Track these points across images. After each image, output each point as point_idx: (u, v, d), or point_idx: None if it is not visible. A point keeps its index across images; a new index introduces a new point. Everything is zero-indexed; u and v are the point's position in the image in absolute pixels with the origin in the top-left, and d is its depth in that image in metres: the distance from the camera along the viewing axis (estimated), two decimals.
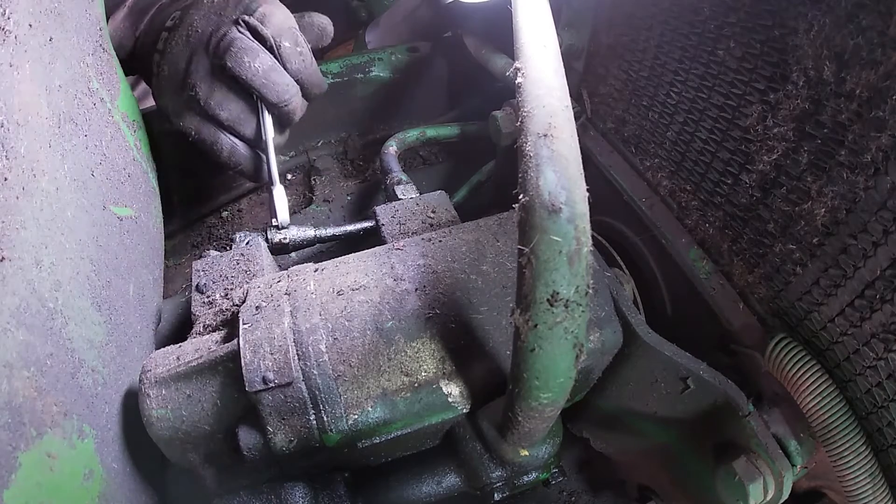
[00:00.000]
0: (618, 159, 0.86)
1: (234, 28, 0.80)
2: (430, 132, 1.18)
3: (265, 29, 0.81)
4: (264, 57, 0.80)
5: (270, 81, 0.81)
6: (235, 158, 0.88)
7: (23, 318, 0.45)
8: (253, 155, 0.90)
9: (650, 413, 0.73)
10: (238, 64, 0.79)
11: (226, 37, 0.79)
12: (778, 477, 0.61)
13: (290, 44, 0.83)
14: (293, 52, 0.84)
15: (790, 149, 0.57)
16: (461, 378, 0.61)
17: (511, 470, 0.65)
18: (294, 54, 0.84)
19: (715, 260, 0.72)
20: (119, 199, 0.70)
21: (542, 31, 0.50)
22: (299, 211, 1.22)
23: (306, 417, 0.57)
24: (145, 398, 0.59)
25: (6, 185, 0.46)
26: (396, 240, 0.74)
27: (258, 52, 0.80)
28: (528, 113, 0.46)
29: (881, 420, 0.55)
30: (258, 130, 0.87)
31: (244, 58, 0.79)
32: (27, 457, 0.43)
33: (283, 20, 0.84)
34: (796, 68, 0.54)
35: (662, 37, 0.71)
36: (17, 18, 0.49)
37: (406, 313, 0.62)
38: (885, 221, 0.48)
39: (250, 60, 0.79)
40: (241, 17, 0.81)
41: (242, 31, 0.80)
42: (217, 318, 0.68)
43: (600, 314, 0.65)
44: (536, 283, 0.43)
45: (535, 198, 0.43)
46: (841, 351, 0.57)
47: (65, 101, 0.59)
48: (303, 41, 0.86)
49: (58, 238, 0.53)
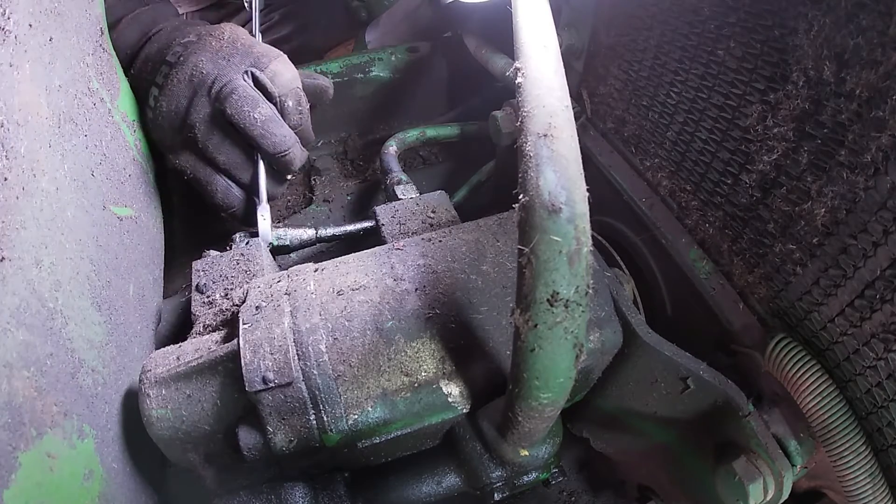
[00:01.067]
0: (618, 159, 0.86)
1: (240, 77, 0.82)
2: (430, 132, 1.18)
3: (273, 87, 0.83)
4: (264, 108, 0.82)
5: (268, 132, 0.82)
6: (229, 201, 0.89)
7: (23, 318, 0.45)
8: (246, 199, 0.90)
9: (650, 413, 0.73)
10: (238, 112, 0.80)
11: (229, 83, 0.80)
12: (778, 477, 0.61)
13: (293, 102, 0.86)
14: (294, 109, 0.86)
15: (790, 149, 0.57)
16: (461, 378, 0.61)
17: (511, 470, 0.65)
18: (294, 111, 0.86)
19: (715, 260, 0.72)
20: (119, 199, 0.70)
21: (542, 31, 0.50)
22: (299, 211, 1.22)
23: (306, 417, 0.57)
24: (145, 398, 0.59)
25: (6, 185, 0.46)
26: (396, 240, 0.74)
27: (258, 102, 0.81)
28: (528, 113, 0.46)
29: (881, 420, 0.55)
30: (254, 178, 0.88)
31: (244, 106, 0.80)
32: (27, 457, 0.43)
33: (289, 80, 0.86)
34: (796, 68, 0.54)
35: (662, 37, 0.71)
36: (17, 18, 0.49)
37: (406, 313, 0.62)
38: (885, 221, 0.48)
39: (250, 110, 0.80)
40: (250, 69, 0.83)
41: (247, 80, 0.82)
42: (217, 318, 0.68)
43: (600, 314, 0.65)
44: (536, 283, 0.43)
45: (535, 198, 0.43)
46: (841, 351, 0.57)
47: (65, 101, 0.59)
48: (304, 100, 0.88)
49: (58, 238, 0.53)
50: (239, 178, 0.88)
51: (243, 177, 0.88)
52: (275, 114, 0.83)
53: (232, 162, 0.86)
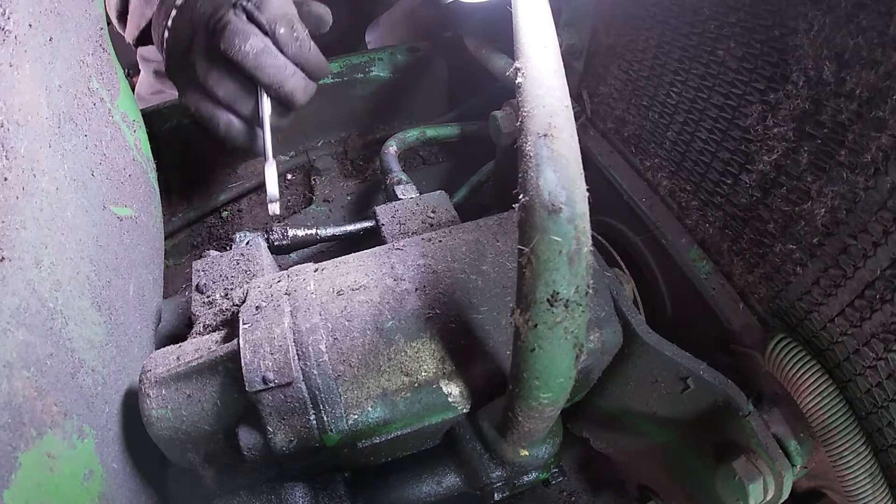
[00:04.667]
0: (618, 159, 0.86)
1: (231, 11, 0.82)
2: (430, 132, 1.18)
3: (259, 14, 0.83)
4: (256, 40, 0.82)
5: (262, 63, 0.83)
6: (231, 134, 0.90)
7: (23, 318, 0.45)
8: (249, 131, 0.91)
9: (650, 413, 0.73)
10: (230, 46, 0.81)
11: (221, 19, 0.82)
12: (778, 477, 0.61)
13: (286, 29, 0.85)
14: (289, 36, 0.85)
15: (790, 149, 0.57)
16: (461, 378, 0.61)
17: (511, 470, 0.65)
18: (290, 39, 0.85)
19: (715, 260, 0.72)
20: (119, 199, 0.70)
21: (542, 31, 0.50)
22: (299, 211, 1.23)
23: (306, 417, 0.57)
24: (145, 398, 0.59)
25: (6, 185, 0.46)
26: (396, 240, 0.74)
27: (249, 35, 0.82)
28: (528, 113, 0.46)
29: (881, 420, 0.55)
30: (256, 109, 0.88)
31: (235, 39, 0.81)
32: (27, 457, 0.43)
33: (279, 6, 0.85)
34: (796, 68, 0.54)
35: (662, 37, 0.71)
36: (17, 18, 0.49)
37: (406, 313, 0.62)
38: (885, 221, 0.48)
39: (241, 42, 0.81)
40: (239, 1, 0.83)
41: (238, 15, 0.82)
42: (217, 318, 0.68)
43: (600, 314, 0.65)
44: (536, 283, 0.43)
45: (535, 198, 0.43)
46: (841, 351, 0.57)
47: (65, 101, 0.59)
48: (300, 27, 0.87)
49: (58, 238, 0.53)
50: (240, 111, 0.89)
51: (244, 110, 0.88)
52: (267, 45, 0.83)
53: (231, 95, 0.87)
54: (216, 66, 0.84)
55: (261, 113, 0.87)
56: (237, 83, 0.86)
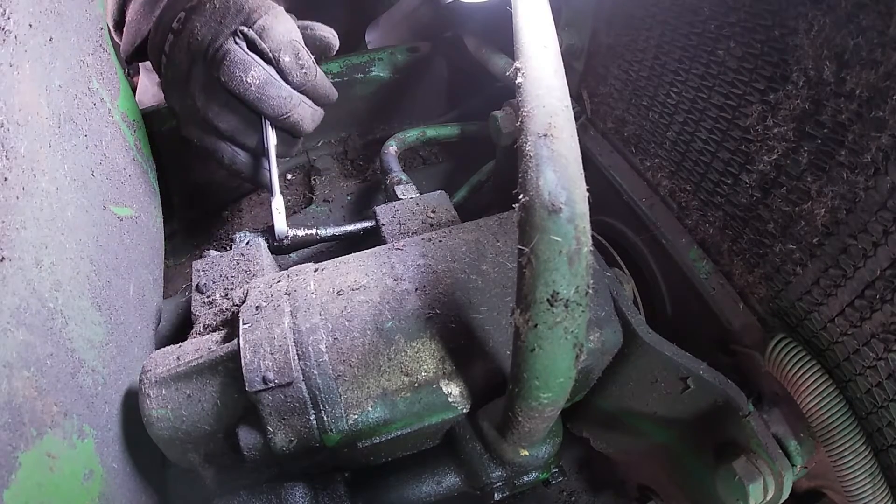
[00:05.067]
0: (618, 159, 0.86)
1: (231, 39, 0.77)
2: (430, 132, 1.18)
3: (262, 43, 0.78)
4: (258, 71, 0.78)
5: (265, 95, 0.79)
6: (236, 167, 0.88)
7: (23, 318, 0.45)
8: (254, 163, 0.89)
9: (650, 413, 0.73)
10: (230, 78, 0.77)
11: (220, 49, 0.77)
12: (778, 477, 0.61)
13: (291, 57, 0.80)
14: (294, 64, 0.81)
15: (790, 149, 0.57)
16: (461, 378, 0.61)
17: (511, 470, 0.65)
18: (295, 67, 0.81)
19: (715, 260, 0.72)
20: (119, 199, 0.70)
21: (542, 31, 0.50)
22: (299, 211, 1.22)
23: (306, 417, 0.57)
24: (145, 398, 0.59)
25: (6, 185, 0.46)
26: (396, 240, 0.74)
27: (251, 66, 0.77)
28: (528, 113, 0.46)
29: (881, 420, 0.55)
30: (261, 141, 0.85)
31: (235, 72, 0.77)
32: (27, 457, 0.43)
33: (283, 33, 0.80)
34: (796, 68, 0.54)
35: (662, 37, 0.71)
36: (17, 18, 0.49)
37: (406, 313, 0.62)
38: (885, 221, 0.48)
39: (242, 75, 0.77)
40: (239, 28, 0.78)
41: (238, 43, 0.78)
42: (217, 318, 0.68)
43: (600, 314, 0.65)
44: (536, 283, 0.43)
45: (535, 198, 0.43)
46: (841, 351, 0.57)
47: (65, 101, 0.59)
48: (305, 54, 0.82)
49: (58, 238, 0.53)
50: (244, 144, 0.86)
51: (248, 142, 0.85)
52: (271, 75, 0.79)
53: (233, 129, 0.83)
54: (216, 99, 0.80)
55: (266, 144, 0.84)
56: (239, 115, 0.82)
